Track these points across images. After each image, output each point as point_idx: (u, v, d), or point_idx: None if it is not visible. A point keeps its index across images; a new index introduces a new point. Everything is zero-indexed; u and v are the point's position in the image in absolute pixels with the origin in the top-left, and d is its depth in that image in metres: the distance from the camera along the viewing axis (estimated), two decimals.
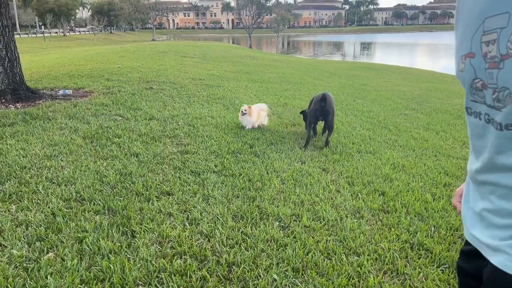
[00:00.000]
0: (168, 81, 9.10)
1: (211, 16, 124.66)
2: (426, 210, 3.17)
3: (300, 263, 2.34)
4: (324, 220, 2.88)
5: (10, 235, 2.42)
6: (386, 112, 7.68)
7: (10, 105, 5.88)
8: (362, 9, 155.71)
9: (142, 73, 10.11)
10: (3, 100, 6.01)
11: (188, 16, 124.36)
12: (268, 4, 61.17)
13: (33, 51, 26.60)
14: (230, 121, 5.71)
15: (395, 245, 2.60)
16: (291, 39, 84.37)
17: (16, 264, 2.15)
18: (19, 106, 5.87)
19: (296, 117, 6.22)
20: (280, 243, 2.54)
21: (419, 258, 2.49)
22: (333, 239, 2.63)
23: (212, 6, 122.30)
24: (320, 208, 3.06)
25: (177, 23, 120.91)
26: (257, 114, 5.35)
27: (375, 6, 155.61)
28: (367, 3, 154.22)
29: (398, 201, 3.32)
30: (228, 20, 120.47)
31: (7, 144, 4.07)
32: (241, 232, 2.65)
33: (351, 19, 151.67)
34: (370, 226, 2.88)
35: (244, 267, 2.24)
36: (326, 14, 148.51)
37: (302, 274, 2.24)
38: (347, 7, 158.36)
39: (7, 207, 2.79)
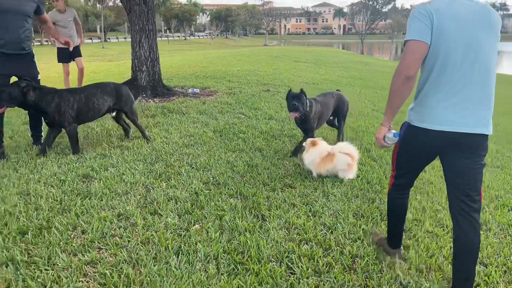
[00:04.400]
0: (283, 84, 9.47)
1: (323, 21, 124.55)
2: None
3: (423, 264, 2.38)
4: (448, 227, 2.85)
5: (164, 207, 2.87)
6: None
7: (150, 100, 6.73)
8: None
9: (259, 76, 10.65)
10: (144, 95, 6.88)
11: (300, 22, 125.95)
12: (383, 10, 59.13)
13: (160, 53, 29.44)
14: (346, 125, 5.78)
15: None
16: None
17: (171, 230, 2.56)
18: (157, 101, 6.68)
19: None
20: (402, 244, 2.59)
21: None
22: None
23: (324, 11, 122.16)
24: (443, 216, 3.03)
25: (289, 28, 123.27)
26: (332, 157, 3.56)
27: (505, 12, 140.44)
28: (496, 8, 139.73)
29: None
30: (340, 25, 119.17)
31: (152, 132, 4.72)
32: (362, 229, 2.76)
33: None
34: (499, 239, 2.78)
35: (367, 260, 2.36)
36: None
37: (426, 275, 2.28)
38: None
39: (159, 184, 3.29)
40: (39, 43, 40.98)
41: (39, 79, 4.12)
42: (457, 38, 1.87)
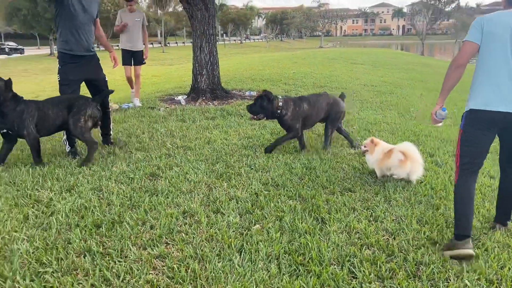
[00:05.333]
0: (340, 86, 9.36)
1: (381, 22, 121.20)
2: None
3: (493, 275, 2.27)
4: None
5: (226, 206, 2.96)
6: None
7: (209, 102, 6.93)
8: None
9: (315, 78, 10.61)
10: (203, 98, 7.10)
11: (357, 23, 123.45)
12: (446, 9, 56.38)
13: None
14: (406, 128, 5.62)
15: None
16: None
17: (233, 229, 2.63)
18: (216, 104, 6.87)
19: None
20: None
21: None
22: None
23: (382, 12, 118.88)
24: None
25: (345, 30, 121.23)
26: (389, 154, 3.58)
27: None
28: None
29: None
30: (399, 26, 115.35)
31: (213, 134, 4.87)
32: (426, 236, 2.68)
33: None
34: None
35: (433, 268, 2.29)
36: None
37: (497, 287, 2.17)
38: None
39: (220, 183, 3.39)
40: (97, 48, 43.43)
41: (107, 80, 4.41)
42: (502, 38, 2.42)
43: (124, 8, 7.09)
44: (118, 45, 7.61)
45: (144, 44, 7.09)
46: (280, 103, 4.16)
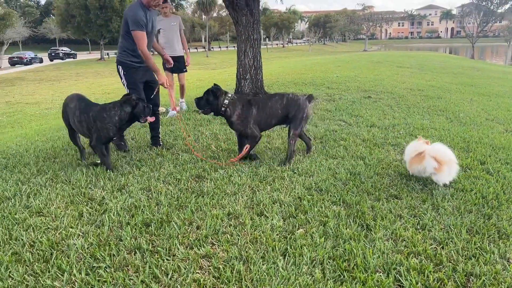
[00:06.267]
0: (385, 90, 9.17)
1: (428, 25, 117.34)
2: None
3: None
4: None
5: (269, 209, 2.99)
6: None
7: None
8: None
9: (359, 82, 10.44)
10: None
11: (403, 25, 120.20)
12: (499, 10, 53.70)
13: None
14: (456, 134, 5.41)
15: None
16: None
17: (277, 232, 2.66)
18: None
19: None
20: None
21: None
22: None
23: (429, 14, 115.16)
24: None
25: (390, 33, 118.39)
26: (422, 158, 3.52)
27: None
28: None
29: None
30: (447, 28, 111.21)
31: None
32: (478, 246, 2.58)
33: None
34: None
35: (484, 280, 2.21)
36: None
37: None
38: None
39: (263, 186, 3.43)
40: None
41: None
42: None
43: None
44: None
45: (184, 50, 6.81)
46: (226, 101, 3.97)
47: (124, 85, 4.52)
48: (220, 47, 62.21)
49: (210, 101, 3.99)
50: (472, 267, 2.33)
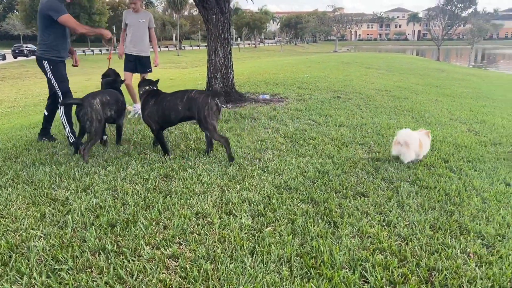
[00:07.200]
0: (354, 91, 9.33)
1: (396, 27, 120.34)
2: None
3: (508, 282, 2.24)
4: None
5: (238, 208, 2.98)
6: None
7: (223, 106, 6.96)
8: None
9: (329, 82, 10.59)
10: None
11: (372, 27, 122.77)
12: (463, 14, 55.66)
13: None
14: None
15: None
16: (487, 51, 75.08)
17: (245, 231, 2.65)
18: (230, 107, 6.90)
19: (497, 136, 5.67)
20: (483, 260, 2.46)
21: None
22: None
23: (398, 17, 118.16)
24: None
25: (359, 34, 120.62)
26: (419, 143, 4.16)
27: None
28: None
29: None
30: (414, 31, 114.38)
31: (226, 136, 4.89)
32: (440, 242, 2.65)
33: None
34: None
35: (446, 274, 2.27)
36: None
37: None
38: None
39: (233, 185, 3.42)
40: (83, 52, 43.89)
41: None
42: None
43: (127, 10, 6.42)
44: (115, 50, 7.43)
45: (153, 49, 6.51)
46: (141, 92, 4.25)
47: (50, 81, 4.58)
48: (191, 46, 61.64)
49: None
50: (434, 262, 2.39)
